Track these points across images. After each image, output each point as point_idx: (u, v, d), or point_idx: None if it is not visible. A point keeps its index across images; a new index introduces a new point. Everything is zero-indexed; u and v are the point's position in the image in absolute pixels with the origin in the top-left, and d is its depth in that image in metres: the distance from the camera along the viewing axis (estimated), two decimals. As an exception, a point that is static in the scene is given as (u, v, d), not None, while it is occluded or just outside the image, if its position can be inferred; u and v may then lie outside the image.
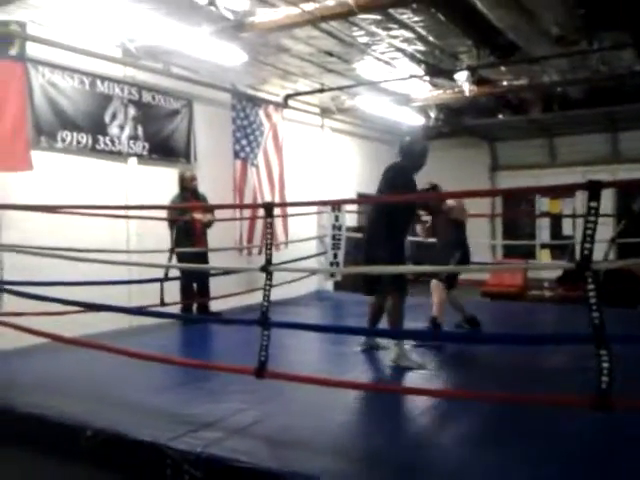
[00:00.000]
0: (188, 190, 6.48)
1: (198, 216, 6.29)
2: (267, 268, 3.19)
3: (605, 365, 2.39)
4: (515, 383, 3.85)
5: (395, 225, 4.52)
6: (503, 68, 8.71)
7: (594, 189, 2.48)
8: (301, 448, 2.81)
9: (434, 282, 5.36)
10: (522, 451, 2.72)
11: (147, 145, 7.34)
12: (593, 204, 2.48)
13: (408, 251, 5.88)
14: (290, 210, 8.70)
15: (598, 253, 6.99)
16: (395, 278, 4.41)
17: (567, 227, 12.08)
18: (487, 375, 4.10)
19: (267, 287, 3.17)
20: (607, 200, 10.73)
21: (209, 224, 6.46)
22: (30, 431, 3.29)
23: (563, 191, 9.76)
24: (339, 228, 7.13)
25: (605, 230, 7.32)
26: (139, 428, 3.00)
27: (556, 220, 12.25)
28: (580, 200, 10.51)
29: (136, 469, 2.94)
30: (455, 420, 3.19)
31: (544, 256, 9.84)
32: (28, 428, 3.29)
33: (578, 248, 2.55)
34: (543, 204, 12.64)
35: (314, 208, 9.35)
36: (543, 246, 7.65)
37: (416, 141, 4.90)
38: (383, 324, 4.66)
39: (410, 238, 6.08)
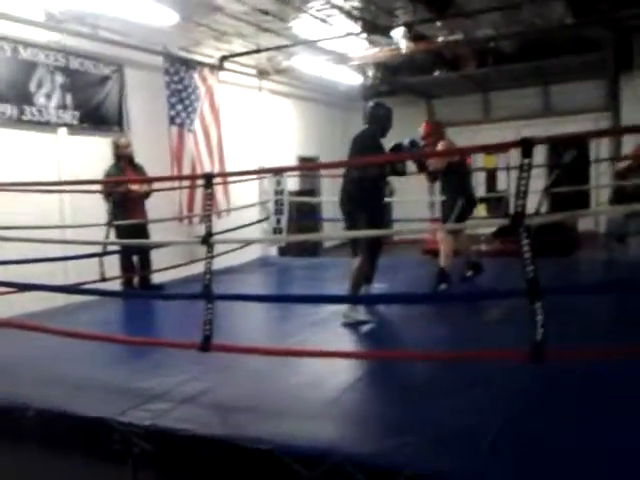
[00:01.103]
0: (123, 158, 6.23)
1: (135, 187, 6.10)
2: (208, 240, 3.15)
3: (539, 318, 2.49)
4: (454, 339, 3.98)
5: (368, 189, 4.59)
6: (438, 23, 8.73)
7: (526, 146, 2.54)
8: (248, 413, 2.84)
9: (440, 232, 5.52)
10: (460, 402, 2.82)
11: (77, 114, 7.04)
12: (526, 161, 2.54)
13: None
14: (231, 177, 8.58)
15: (532, 203, 7.23)
16: (368, 240, 4.55)
17: (502, 181, 12.40)
18: (427, 332, 4.20)
19: (209, 259, 3.14)
20: (539, 152, 11.04)
21: (147, 195, 6.29)
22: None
23: (499, 149, 9.98)
24: (281, 193, 7.09)
25: (538, 182, 7.55)
26: (84, 404, 2.96)
27: (491, 175, 12.55)
28: (514, 155, 10.76)
29: (85, 446, 2.91)
30: (396, 378, 3.28)
31: (480, 210, 10.07)
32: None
33: (512, 202, 2.62)
34: (478, 159, 12.90)
35: (255, 174, 9.24)
36: (479, 201, 7.86)
37: (378, 105, 4.92)
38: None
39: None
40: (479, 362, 3.09)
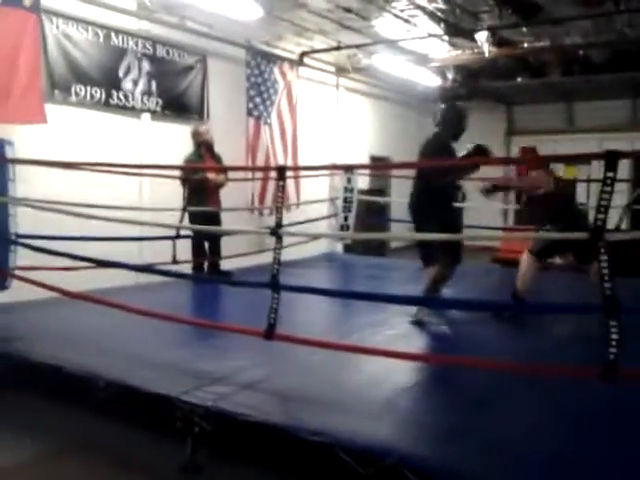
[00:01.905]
0: (203, 145, 6.38)
1: (211, 176, 6.25)
2: (277, 231, 3.20)
3: (614, 337, 2.39)
4: (526, 352, 3.86)
5: (435, 193, 4.43)
6: (524, 29, 8.52)
7: (611, 159, 2.45)
8: (307, 404, 2.88)
9: (525, 253, 4.81)
10: (518, 416, 2.75)
11: (160, 101, 7.28)
12: (610, 174, 2.45)
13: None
14: (303, 171, 8.66)
15: (612, 219, 6.95)
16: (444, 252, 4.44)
17: (581, 194, 11.96)
18: (493, 341, 4.11)
19: (277, 250, 3.19)
20: (623, 167, 10.58)
21: (222, 184, 6.43)
22: (44, 380, 3.38)
23: (581, 160, 9.63)
24: (351, 191, 7.10)
25: (620, 197, 7.25)
26: (150, 381, 3.07)
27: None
28: (596, 168, 10.36)
29: (147, 421, 3.02)
30: (459, 386, 3.22)
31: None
32: (43, 377, 3.38)
33: (591, 216, 2.53)
34: (558, 170, 12.48)
35: (327, 170, 9.29)
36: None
37: (450, 108, 4.75)
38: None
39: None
40: (547, 377, 3.00)
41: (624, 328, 2.37)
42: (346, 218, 7.19)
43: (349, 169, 7.19)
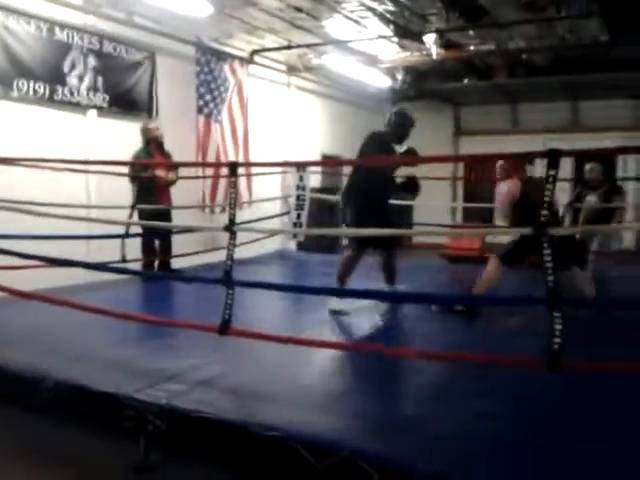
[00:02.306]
0: (153, 142, 6.28)
1: (161, 173, 6.16)
2: (231, 228, 3.19)
3: (557, 327, 2.49)
4: (471, 343, 3.98)
5: (374, 192, 4.71)
6: (471, 32, 8.72)
7: (553, 157, 2.55)
8: (261, 400, 2.87)
9: (491, 261, 4.81)
10: (471, 407, 2.83)
11: (107, 97, 7.13)
12: (552, 172, 2.55)
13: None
14: (254, 169, 8.64)
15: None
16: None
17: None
18: (444, 335, 4.21)
19: (230, 246, 3.18)
20: (566, 166, 10.97)
21: (172, 182, 6.35)
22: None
23: (523, 158, 9.91)
24: (303, 188, 7.11)
25: (563, 196, 7.50)
26: (102, 380, 3.01)
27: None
28: (540, 167, 10.70)
29: (99, 421, 2.96)
30: (411, 378, 3.29)
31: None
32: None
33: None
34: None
35: (278, 168, 9.29)
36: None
37: (400, 113, 5.03)
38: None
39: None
40: (494, 367, 3.09)
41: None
42: (299, 216, 7.18)
43: (301, 166, 7.20)
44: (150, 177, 6.06)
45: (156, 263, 6.29)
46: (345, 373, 3.29)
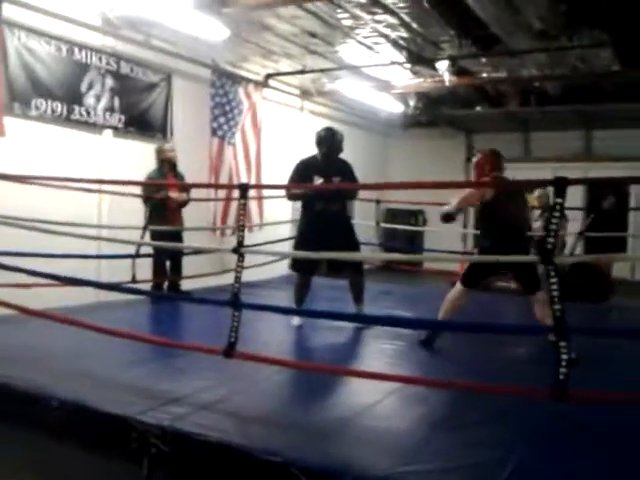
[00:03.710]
0: (167, 163, 6.29)
1: (173, 195, 6.19)
2: (239, 250, 3.21)
3: (564, 357, 2.48)
4: (477, 372, 3.94)
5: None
6: (483, 60, 8.78)
7: (560, 186, 2.55)
8: (266, 424, 2.86)
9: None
10: (476, 435, 2.80)
11: (123, 118, 7.23)
12: (558, 200, 2.55)
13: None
14: (266, 192, 8.69)
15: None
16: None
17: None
18: (450, 363, 4.18)
19: (238, 269, 3.19)
20: (578, 196, 10.94)
21: (184, 203, 6.38)
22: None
23: (532, 186, 9.94)
24: (314, 212, 7.12)
25: (574, 225, 7.48)
26: (106, 401, 3.01)
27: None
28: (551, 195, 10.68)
29: (102, 442, 2.95)
30: (416, 405, 3.26)
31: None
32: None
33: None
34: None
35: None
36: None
37: (319, 132, 5.41)
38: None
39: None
40: (500, 396, 3.06)
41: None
42: (308, 239, 7.19)
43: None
44: (163, 198, 6.10)
45: (165, 284, 6.30)
46: (350, 399, 3.27)
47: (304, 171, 5.14)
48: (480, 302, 5.40)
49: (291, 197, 5.50)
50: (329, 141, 5.20)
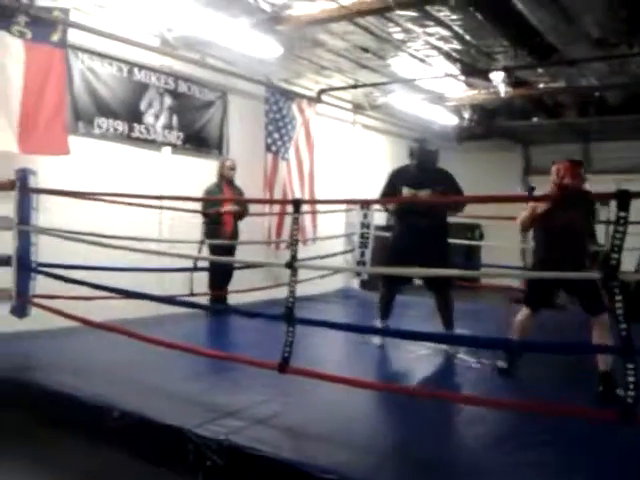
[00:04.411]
0: (225, 179, 6.53)
1: (228, 208, 6.33)
2: (292, 264, 3.22)
3: (631, 379, 2.37)
4: (540, 391, 3.82)
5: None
6: (540, 70, 8.59)
7: (623, 199, 2.46)
8: (320, 441, 2.86)
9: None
10: (538, 457, 2.71)
11: (181, 135, 7.42)
12: (622, 214, 2.46)
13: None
14: (319, 207, 8.73)
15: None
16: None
17: (600, 235, 11.87)
18: (508, 382, 4.07)
19: (292, 283, 3.21)
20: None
21: (241, 216, 6.51)
22: (60, 409, 3.39)
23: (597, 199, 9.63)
24: (367, 226, 7.12)
25: (638, 240, 7.19)
26: (164, 413, 3.08)
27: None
28: (614, 208, 10.33)
29: (159, 453, 3.01)
30: (474, 423, 3.19)
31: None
32: (59, 406, 3.40)
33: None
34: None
35: (343, 205, 9.35)
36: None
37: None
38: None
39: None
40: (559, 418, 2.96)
41: None
42: (362, 254, 7.19)
43: (365, 204, 7.22)
44: (218, 212, 6.23)
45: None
46: (405, 418, 3.22)
47: (393, 181, 5.05)
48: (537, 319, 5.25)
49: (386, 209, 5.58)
50: (419, 151, 5.05)
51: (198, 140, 7.66)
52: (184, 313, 5.47)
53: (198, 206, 6.45)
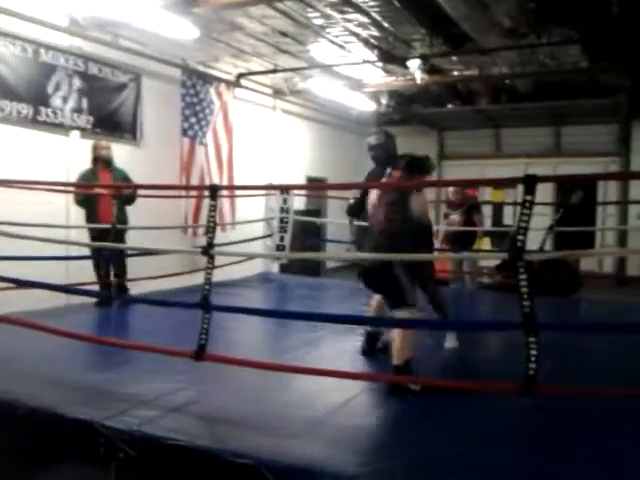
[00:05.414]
0: (101, 161, 5.96)
1: (101, 191, 5.87)
2: (208, 251, 3.16)
3: (533, 352, 2.49)
4: (447, 370, 3.96)
5: None
6: (454, 58, 8.83)
7: (530, 183, 2.56)
8: (234, 426, 2.84)
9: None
10: (448, 432, 2.81)
11: (91, 118, 7.12)
12: (528, 197, 2.56)
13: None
14: (238, 191, 8.64)
15: (537, 240, 7.21)
16: None
17: (508, 216, 12.45)
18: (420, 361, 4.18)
19: (209, 270, 3.15)
20: (547, 191, 11.07)
21: (130, 200, 6.02)
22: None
23: (502, 183, 10.02)
24: (287, 211, 7.11)
25: (544, 220, 7.57)
26: (73, 406, 2.96)
27: (498, 209, 12.63)
28: (521, 191, 10.81)
29: (70, 447, 2.90)
30: (388, 402, 3.26)
31: (484, 243, 10.12)
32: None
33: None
34: (486, 193, 13.01)
35: (262, 190, 9.30)
36: (484, 233, 7.87)
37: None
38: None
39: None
40: (470, 393, 3.07)
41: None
42: (282, 238, 7.18)
43: (285, 189, 7.21)
44: (92, 195, 5.83)
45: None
46: (323, 399, 3.25)
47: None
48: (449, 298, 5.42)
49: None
50: (369, 145, 4.28)
51: (110, 124, 7.38)
52: (92, 302, 5.26)
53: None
